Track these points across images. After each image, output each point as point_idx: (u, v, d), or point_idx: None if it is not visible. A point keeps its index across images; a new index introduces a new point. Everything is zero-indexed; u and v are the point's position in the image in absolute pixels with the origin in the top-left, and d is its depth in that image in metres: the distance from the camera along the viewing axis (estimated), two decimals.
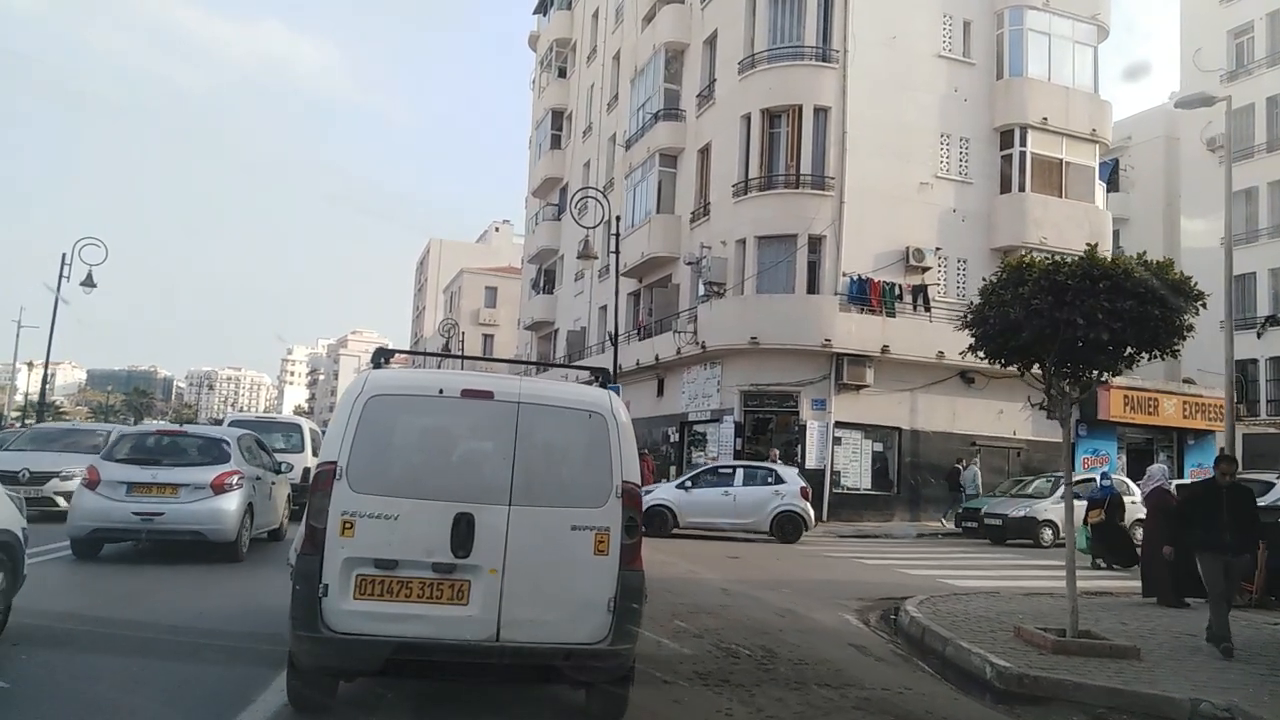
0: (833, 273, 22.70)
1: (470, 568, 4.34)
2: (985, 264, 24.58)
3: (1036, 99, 24.51)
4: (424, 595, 4.32)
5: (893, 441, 23.51)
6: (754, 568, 12.48)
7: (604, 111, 35.54)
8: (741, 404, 22.97)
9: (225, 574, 9.08)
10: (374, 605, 4.28)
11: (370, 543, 4.32)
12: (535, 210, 44.45)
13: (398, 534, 4.33)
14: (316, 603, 4.25)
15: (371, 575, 4.30)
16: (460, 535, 4.33)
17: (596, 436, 4.63)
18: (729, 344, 22.59)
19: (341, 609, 4.25)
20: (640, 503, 4.72)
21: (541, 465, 4.60)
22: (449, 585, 4.34)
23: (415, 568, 4.32)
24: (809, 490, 17.70)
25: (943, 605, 8.82)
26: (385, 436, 4.57)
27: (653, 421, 27.66)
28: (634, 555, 4.53)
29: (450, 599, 4.33)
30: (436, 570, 4.33)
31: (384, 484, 4.42)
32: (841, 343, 21.97)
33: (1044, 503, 18.64)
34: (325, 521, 4.30)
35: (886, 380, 22.83)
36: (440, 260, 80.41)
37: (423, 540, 4.33)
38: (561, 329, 39.39)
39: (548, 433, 4.66)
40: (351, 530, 4.31)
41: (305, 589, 4.27)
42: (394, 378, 4.73)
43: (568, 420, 4.70)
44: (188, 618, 6.82)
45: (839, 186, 22.74)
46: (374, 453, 4.47)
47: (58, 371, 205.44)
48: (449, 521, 4.35)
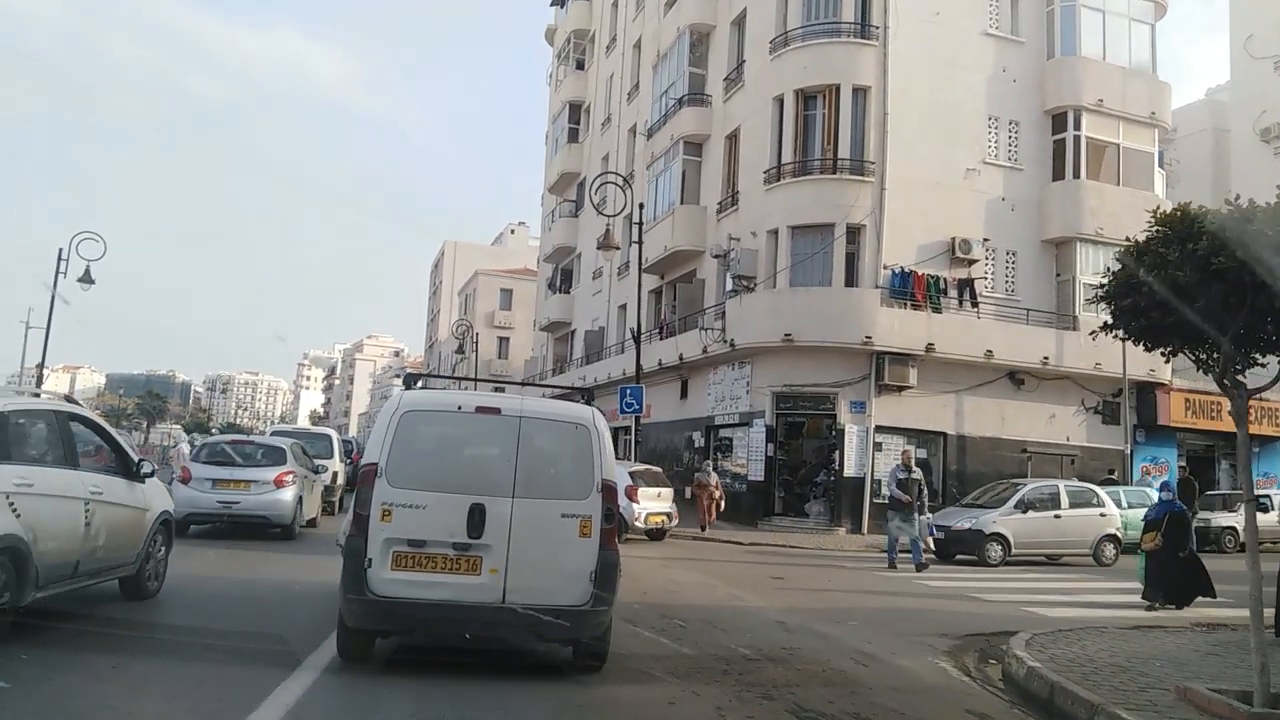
0: (873, 265, 21.03)
1: (482, 546, 5.39)
2: (1036, 257, 22.95)
3: (1091, 79, 22.78)
4: (446, 567, 5.38)
5: (936, 447, 21.77)
6: (805, 592, 10.85)
7: (624, 102, 34.04)
8: (773, 406, 21.31)
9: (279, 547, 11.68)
10: (407, 575, 5.34)
11: (404, 526, 5.37)
12: (552, 207, 43.04)
13: (425, 520, 5.38)
14: (362, 573, 5.31)
15: (405, 551, 5.36)
16: (474, 521, 5.38)
17: (582, 444, 5.71)
18: (760, 341, 20.96)
19: (382, 577, 5.31)
20: (616, 496, 5.74)
21: (538, 466, 5.66)
22: (466, 560, 5.39)
23: (439, 546, 5.38)
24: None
25: (1054, 647, 7.17)
26: (416, 443, 5.62)
27: (675, 425, 26.07)
28: (610, 538, 5.59)
29: (466, 570, 5.38)
30: (456, 548, 5.39)
31: (415, 480, 5.48)
32: (883, 340, 20.28)
33: (992, 514, 15.81)
34: (369, 510, 5.37)
35: (930, 381, 21.13)
36: (455, 263, 79.16)
37: (445, 525, 5.38)
38: (579, 329, 37.90)
39: (543, 440, 5.77)
40: (389, 517, 5.37)
41: (353, 562, 5.35)
42: (422, 397, 5.93)
43: (559, 431, 5.82)
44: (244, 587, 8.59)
45: (879, 172, 21.09)
46: (407, 456, 5.53)
47: (77, 375, 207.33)
48: (465, 510, 5.39)
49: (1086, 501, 16.55)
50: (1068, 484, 17.46)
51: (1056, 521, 16.04)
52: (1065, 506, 16.21)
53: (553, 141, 43.19)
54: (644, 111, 30.50)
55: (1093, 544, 16.08)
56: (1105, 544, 16.14)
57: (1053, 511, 16.16)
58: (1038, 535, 15.82)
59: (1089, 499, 16.64)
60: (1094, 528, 16.19)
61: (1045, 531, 15.86)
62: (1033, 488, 16.68)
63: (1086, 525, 16.19)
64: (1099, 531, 16.16)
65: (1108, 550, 16.13)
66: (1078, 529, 16.12)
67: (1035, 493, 16.45)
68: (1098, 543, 16.10)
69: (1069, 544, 16.12)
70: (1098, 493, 16.93)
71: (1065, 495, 16.47)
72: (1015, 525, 15.65)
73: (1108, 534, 16.18)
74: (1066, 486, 16.97)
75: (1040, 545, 15.95)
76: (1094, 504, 16.52)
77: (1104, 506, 16.54)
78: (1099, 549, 16.08)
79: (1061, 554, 16.30)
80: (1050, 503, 16.30)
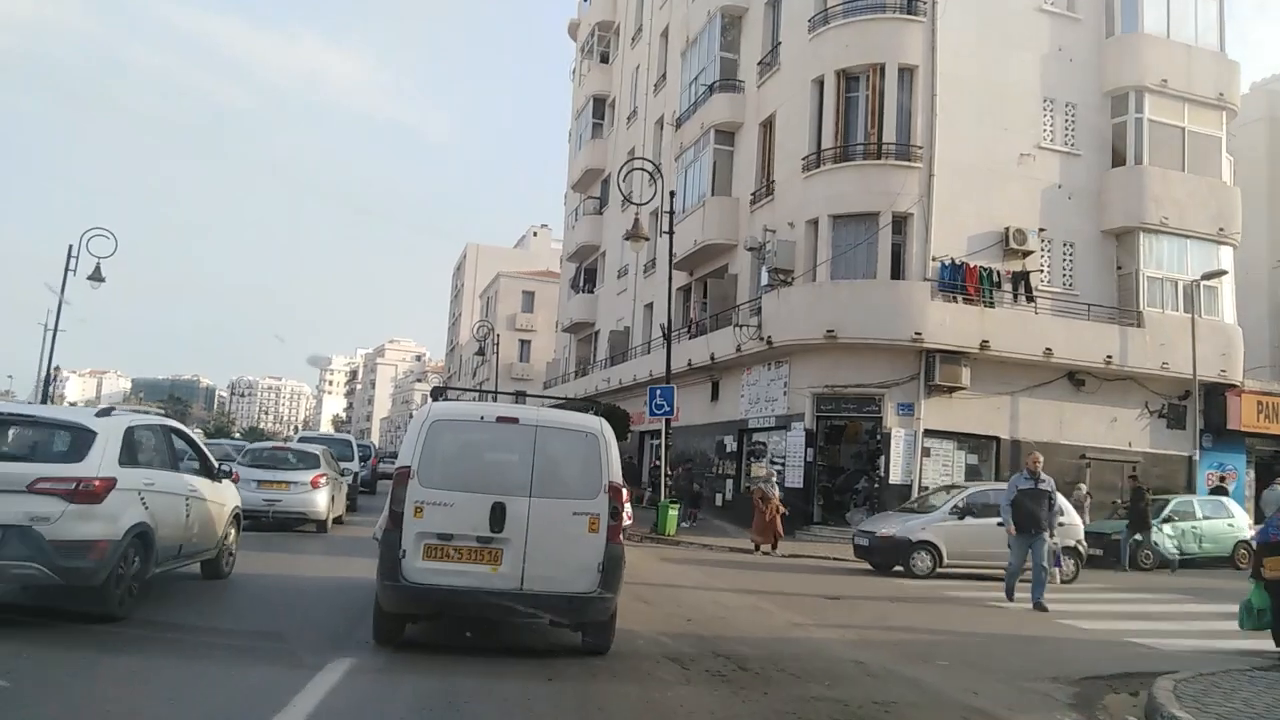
0: (920, 256, 19.56)
1: (502, 540, 6.04)
2: (1095, 248, 21.40)
3: (1154, 58, 21.20)
4: (470, 558, 6.04)
5: (989, 453, 20.24)
6: (869, 617, 9.45)
7: (650, 93, 32.79)
8: (814, 408, 19.88)
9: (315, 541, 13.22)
10: (436, 564, 6.00)
11: (434, 521, 6.04)
12: (575, 205, 41.86)
13: (453, 516, 6.05)
14: (397, 562, 5.96)
15: (435, 544, 6.03)
16: (496, 517, 6.02)
17: (591, 450, 6.36)
18: (800, 338, 19.55)
19: (415, 566, 5.97)
20: (621, 496, 6.38)
21: (552, 469, 6.28)
22: (488, 551, 6.04)
23: (465, 539, 6.05)
24: None
25: (1210, 700, 5.76)
26: (444, 449, 6.28)
27: (706, 430, 24.71)
28: (616, 533, 6.24)
29: (489, 561, 6.03)
30: (479, 541, 6.04)
31: (443, 481, 6.14)
32: (934, 337, 18.80)
33: (921, 520, 14.17)
34: (403, 507, 6.04)
35: (984, 381, 19.60)
36: (477, 266, 78.28)
37: (470, 520, 6.04)
38: (603, 330, 36.64)
39: (556, 447, 6.39)
40: (421, 513, 6.03)
41: (389, 553, 6.00)
42: (449, 408, 6.61)
43: (571, 438, 6.45)
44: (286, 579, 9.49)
45: (927, 158, 19.64)
46: (436, 460, 6.20)
47: (103, 380, 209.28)
48: (488, 508, 6.03)
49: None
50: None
51: (999, 530, 13.39)
52: None
53: (576, 138, 42.04)
54: (672, 102, 29.22)
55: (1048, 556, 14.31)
56: (1063, 558, 13.92)
57: (996, 519, 13.64)
58: (978, 545, 13.76)
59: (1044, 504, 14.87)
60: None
61: (988, 541, 13.48)
62: (976, 491, 14.76)
63: None
64: (1057, 543, 14.04)
65: (1067, 564, 14.06)
66: None
67: (980, 497, 14.41)
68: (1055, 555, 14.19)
69: None
70: (1058, 499, 15.12)
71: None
72: (949, 533, 13.86)
73: (1064, 547, 13.92)
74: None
75: (981, 556, 13.82)
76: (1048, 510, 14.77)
77: (1063, 514, 14.24)
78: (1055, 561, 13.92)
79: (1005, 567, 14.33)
80: (993, 508, 13.99)
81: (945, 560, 13.88)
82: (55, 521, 6.15)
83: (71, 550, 6.15)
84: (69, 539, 6.16)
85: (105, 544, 6.35)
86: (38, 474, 6.29)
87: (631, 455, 27.85)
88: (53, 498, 6.20)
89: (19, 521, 6.06)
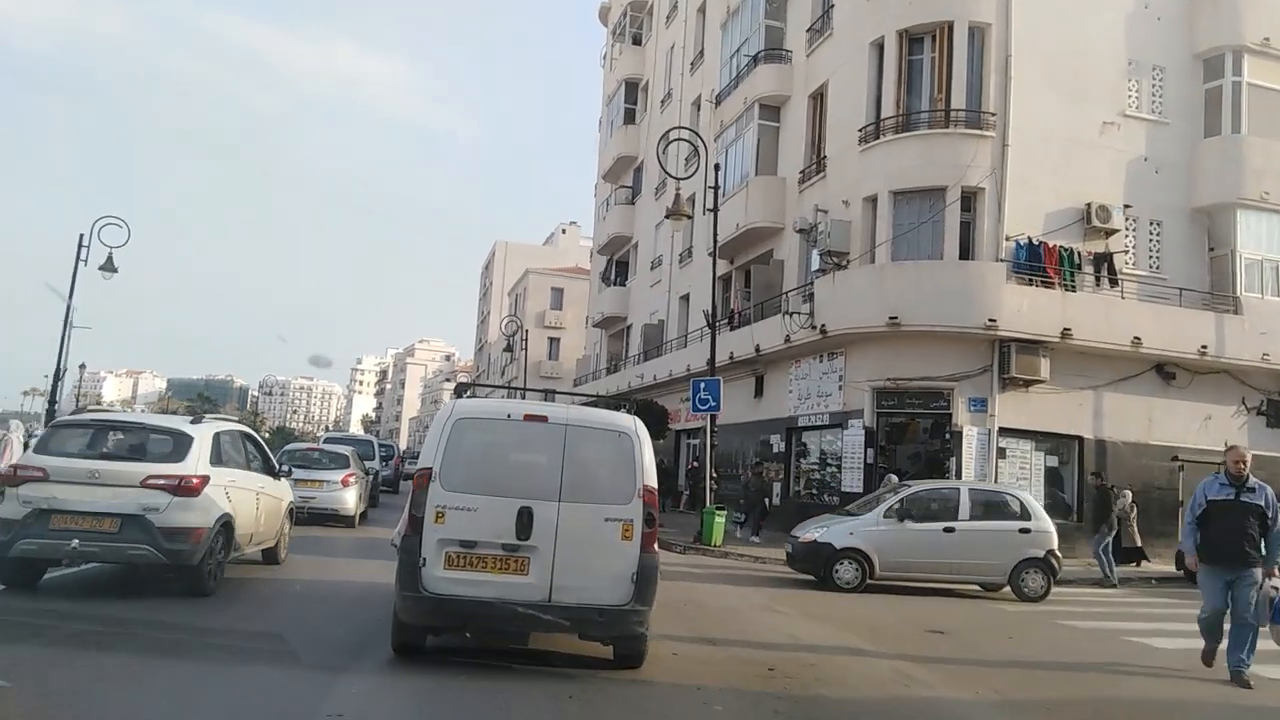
0: (993, 235, 17.60)
1: (530, 547, 5.63)
2: (1185, 226, 19.28)
3: (1253, 14, 19.02)
4: (495, 567, 5.63)
5: (1070, 454, 18.22)
6: (998, 663, 7.59)
7: (686, 73, 31.04)
8: (874, 404, 17.99)
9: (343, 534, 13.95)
10: (459, 574, 5.60)
11: (456, 527, 5.64)
12: (606, 196, 40.21)
13: (476, 521, 5.64)
14: (417, 571, 5.56)
15: (457, 551, 5.62)
16: (523, 523, 5.62)
17: (624, 451, 5.93)
18: (858, 326, 17.67)
19: (435, 576, 5.57)
20: (656, 501, 5.90)
21: (583, 472, 5.84)
22: (514, 560, 5.64)
23: (489, 547, 5.64)
24: None
25: None
26: (467, 449, 5.88)
27: (748, 428, 22.87)
28: (650, 541, 5.77)
29: (515, 570, 5.63)
30: (505, 549, 5.64)
31: (467, 484, 5.74)
32: (1009, 324, 16.82)
33: (846, 524, 12.37)
34: (424, 512, 5.63)
35: (1064, 375, 17.59)
36: (505, 263, 77.08)
37: (495, 526, 5.63)
38: (635, 324, 34.95)
39: (587, 447, 5.95)
40: (443, 518, 5.64)
41: (408, 561, 5.60)
42: (474, 406, 6.31)
43: (603, 438, 6.04)
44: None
45: (1000, 126, 17.66)
46: (459, 461, 5.81)
47: (139, 380, 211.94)
48: (514, 513, 5.63)
49: (1001, 512, 12.57)
50: (975, 487, 13.39)
51: (947, 537, 12.04)
52: (964, 518, 12.23)
53: (607, 125, 40.38)
54: (710, 80, 27.44)
55: (1008, 570, 12.08)
56: (1029, 571, 12.10)
57: (943, 523, 12.14)
58: (919, 554, 12.04)
59: (1005, 508, 12.65)
60: (1010, 548, 12.13)
61: (931, 550, 12.01)
62: (919, 490, 12.94)
63: (997, 544, 12.14)
64: (1018, 554, 12.09)
65: (1033, 580, 12.09)
66: (983, 549, 12.09)
67: (922, 497, 12.67)
68: (1017, 569, 12.08)
69: (968, 568, 12.19)
70: (1021, 501, 12.82)
71: (967, 502, 12.41)
72: (883, 540, 11.98)
73: (1029, 557, 12.10)
74: (972, 491, 12.88)
75: (923, 568, 12.13)
76: (1012, 514, 12.50)
77: (1029, 519, 12.37)
78: (1020, 578, 12.08)
79: (956, 581, 12.36)
80: (942, 511, 12.38)
81: (877, 571, 12.01)
82: (162, 511, 7.31)
83: (175, 535, 7.31)
84: (173, 526, 7.31)
85: (201, 530, 7.50)
86: (148, 472, 7.44)
87: (664, 457, 26.08)
88: (160, 492, 7.37)
89: (134, 511, 7.25)
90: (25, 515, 7.11)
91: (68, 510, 7.14)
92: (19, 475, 7.42)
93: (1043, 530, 12.38)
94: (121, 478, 7.32)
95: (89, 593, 7.84)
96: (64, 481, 7.25)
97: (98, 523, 7.17)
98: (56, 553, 7.17)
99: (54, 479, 7.25)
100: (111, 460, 7.55)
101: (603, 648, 5.97)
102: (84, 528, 7.11)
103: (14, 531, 7.06)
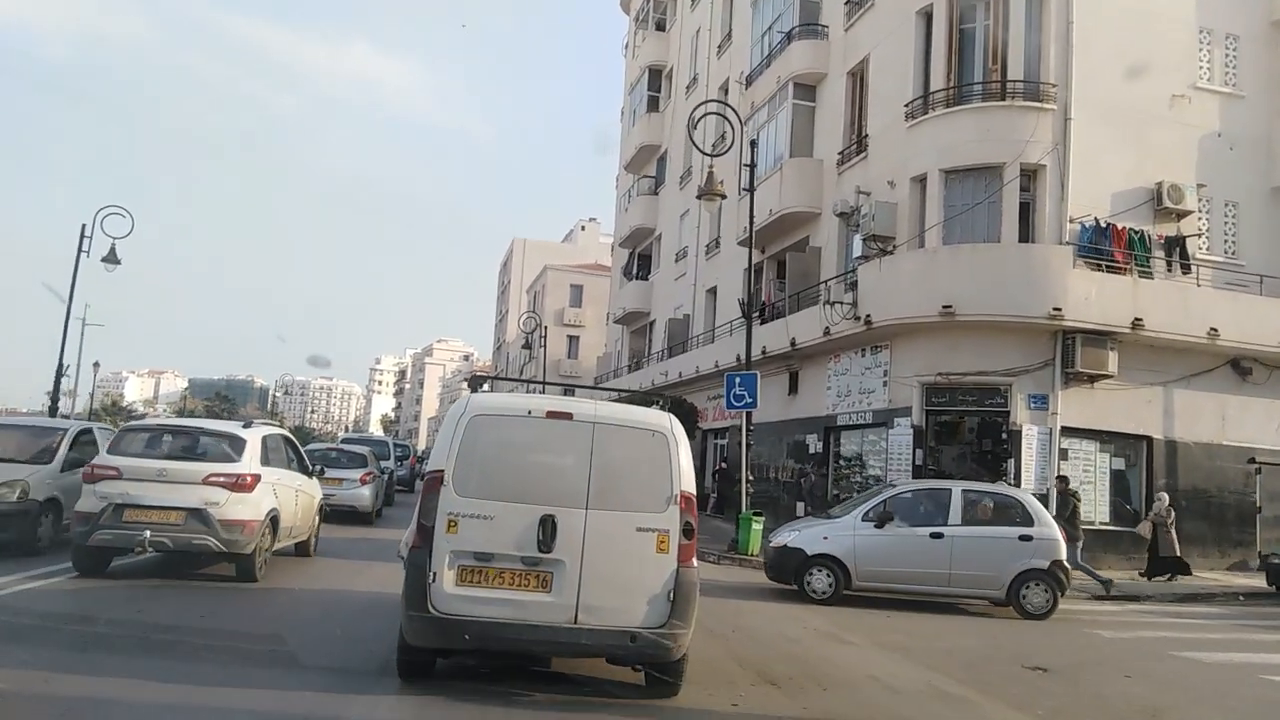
0: (1055, 217, 16.14)
1: (553, 561, 5.10)
2: (1264, 207, 17.73)
3: None
4: (514, 583, 5.10)
5: (1137, 456, 16.72)
6: (1120, 704, 6.23)
7: (713, 57, 29.69)
8: (923, 401, 16.57)
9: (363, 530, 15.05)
10: (473, 591, 5.07)
11: (471, 538, 5.11)
12: (628, 187, 38.93)
13: (493, 531, 5.12)
14: (425, 588, 5.04)
15: (471, 566, 5.10)
16: (545, 533, 5.10)
17: (658, 452, 5.35)
18: (908, 316, 16.25)
19: (446, 593, 5.04)
20: (695, 509, 5.33)
21: (612, 475, 5.27)
22: (535, 575, 5.11)
23: (507, 560, 5.11)
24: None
25: None
26: (483, 449, 5.31)
27: (781, 428, 21.48)
28: (689, 554, 5.24)
29: (536, 587, 5.09)
30: (525, 562, 5.11)
31: (482, 489, 5.20)
32: (1076, 313, 15.35)
33: (821, 529, 11.29)
34: (434, 520, 5.12)
35: (1132, 369, 16.10)
36: (524, 260, 76.00)
37: (514, 537, 5.12)
38: (659, 320, 33.64)
39: (618, 448, 5.36)
40: (455, 528, 5.11)
41: (416, 576, 5.08)
42: (491, 401, 5.66)
43: (635, 438, 5.42)
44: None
45: (1062, 99, 16.20)
46: (474, 463, 5.25)
47: (161, 380, 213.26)
48: (536, 521, 5.11)
49: (999, 516, 11.18)
50: (971, 487, 11.86)
51: (935, 544, 10.76)
52: (955, 522, 10.91)
53: (629, 114, 39.07)
54: (739, 62, 26.08)
55: (1006, 582, 10.71)
56: (1031, 584, 10.72)
57: (929, 528, 10.86)
58: (902, 563, 10.81)
59: (1004, 512, 11.20)
60: (1008, 558, 10.74)
61: (916, 558, 10.77)
62: (905, 490, 11.78)
63: (993, 553, 10.78)
64: (1017, 564, 10.71)
65: (1035, 595, 10.72)
66: (977, 558, 10.77)
67: (907, 498, 11.44)
68: (1016, 582, 10.70)
69: (960, 579, 10.85)
70: (1024, 503, 11.28)
71: (959, 504, 11.02)
72: (860, 546, 10.82)
73: (1031, 569, 10.69)
74: (966, 491, 11.43)
75: (908, 579, 10.88)
76: (1012, 519, 11.10)
77: (1033, 525, 10.91)
78: (1021, 592, 10.71)
79: (947, 594, 11.02)
80: (930, 514, 11.08)
81: (854, 581, 10.76)
82: (221, 505, 8.22)
83: (232, 527, 8.22)
84: (230, 519, 8.22)
85: (254, 523, 8.43)
86: (209, 471, 8.36)
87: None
88: (219, 488, 8.28)
89: (197, 505, 8.17)
90: (102, 509, 8.07)
91: (140, 504, 8.14)
92: (96, 474, 8.33)
93: (1047, 538, 10.94)
94: (186, 476, 8.33)
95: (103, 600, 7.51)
96: (135, 479, 8.24)
97: (165, 515, 8.17)
98: (130, 542, 8.05)
99: (127, 477, 8.24)
100: (176, 460, 8.52)
101: (633, 672, 5.51)
102: (154, 520, 8.12)
103: (92, 524, 7.95)
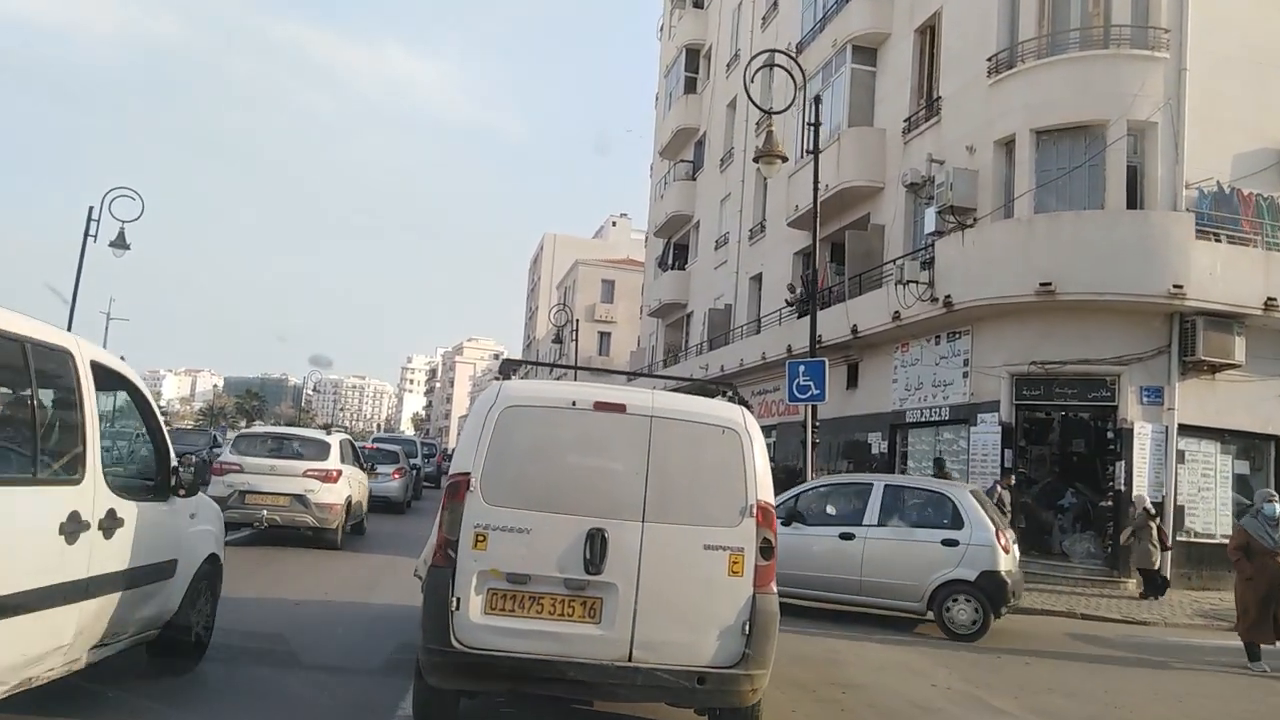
0: (1168, 182, 13.97)
1: (603, 585, 4.23)
2: None
3: None
4: (556, 612, 4.23)
5: (1263, 458, 14.49)
6: None
7: (757, 30, 27.67)
8: (1012, 394, 14.48)
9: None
10: (505, 621, 4.20)
11: (503, 556, 4.23)
12: (663, 173, 37.04)
13: (530, 548, 4.24)
14: (448, 617, 4.17)
15: (503, 589, 4.23)
16: (593, 551, 4.22)
17: (730, 453, 4.45)
18: (997, 296, 14.17)
19: (472, 623, 4.17)
20: (774, 523, 4.45)
21: (674, 481, 4.40)
22: (581, 602, 4.24)
23: (547, 583, 4.23)
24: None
25: None
26: (518, 448, 4.42)
27: (839, 425, 19.43)
28: (768, 578, 4.37)
29: (582, 616, 4.23)
30: (569, 587, 4.23)
31: (517, 496, 4.31)
32: (1200, 291, 13.17)
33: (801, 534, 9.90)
34: (458, 534, 4.22)
35: (1260, 358, 13.90)
36: (554, 256, 74.69)
37: (555, 555, 4.23)
38: (696, 311, 31.69)
39: (681, 448, 4.47)
40: (484, 543, 4.23)
41: (436, 603, 4.20)
42: (527, 389, 4.66)
43: (701, 435, 4.49)
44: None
45: (1176, 46, 14.02)
46: (507, 464, 4.36)
47: (198, 378, 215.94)
48: (582, 537, 4.24)
49: (922, 516, 9.65)
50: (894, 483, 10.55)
51: (845, 547, 9.43)
52: (870, 522, 9.53)
53: (665, 97, 37.17)
54: (786, 33, 24.07)
55: (925, 595, 9.16)
56: (955, 599, 9.08)
57: (840, 529, 9.55)
58: (811, 567, 9.47)
59: (929, 512, 9.61)
60: (925, 566, 9.19)
61: (826, 562, 9.53)
62: (820, 485, 10.78)
63: (909, 559, 9.28)
64: (938, 574, 9.11)
65: (960, 611, 9.06)
66: (891, 564, 9.33)
67: (820, 494, 10.33)
68: (937, 594, 9.12)
69: (874, 588, 9.43)
70: (955, 502, 9.44)
71: (877, 502, 9.63)
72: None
73: (957, 579, 9.04)
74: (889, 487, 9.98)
75: (818, 585, 9.57)
76: (936, 520, 9.45)
77: (960, 528, 9.19)
78: (945, 606, 9.09)
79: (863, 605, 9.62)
80: (845, 513, 9.79)
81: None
82: (316, 493, 11.51)
83: (323, 509, 11.54)
84: (323, 502, 11.54)
85: (339, 506, 11.78)
86: (306, 467, 11.71)
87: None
88: (314, 479, 11.59)
89: (299, 492, 11.44)
90: (229, 495, 11.02)
91: (258, 491, 11.31)
92: (224, 468, 11.60)
93: (977, 544, 9.10)
94: (290, 470, 11.61)
95: None
96: (253, 472, 11.46)
97: (276, 499, 11.34)
98: (251, 519, 11.27)
99: (247, 470, 11.48)
100: (282, 458, 11.88)
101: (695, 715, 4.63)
102: (268, 503, 11.31)
103: (222, 505, 9.01)
